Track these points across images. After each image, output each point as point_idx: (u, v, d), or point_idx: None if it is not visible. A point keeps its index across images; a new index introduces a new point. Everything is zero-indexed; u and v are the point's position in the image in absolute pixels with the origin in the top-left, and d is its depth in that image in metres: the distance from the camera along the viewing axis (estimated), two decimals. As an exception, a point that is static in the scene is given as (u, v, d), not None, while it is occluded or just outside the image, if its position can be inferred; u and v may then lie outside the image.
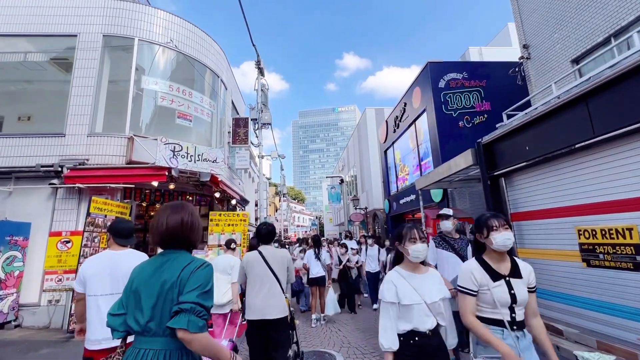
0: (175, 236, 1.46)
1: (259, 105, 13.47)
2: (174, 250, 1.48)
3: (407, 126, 12.44)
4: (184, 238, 1.48)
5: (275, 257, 3.14)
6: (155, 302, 1.34)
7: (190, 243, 1.51)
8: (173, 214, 1.48)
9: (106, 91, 7.75)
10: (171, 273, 1.37)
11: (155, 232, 1.46)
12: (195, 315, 1.27)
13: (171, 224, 1.45)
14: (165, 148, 6.69)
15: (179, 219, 1.47)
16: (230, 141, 10.62)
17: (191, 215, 1.52)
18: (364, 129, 20.58)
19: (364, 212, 17.69)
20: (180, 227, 1.46)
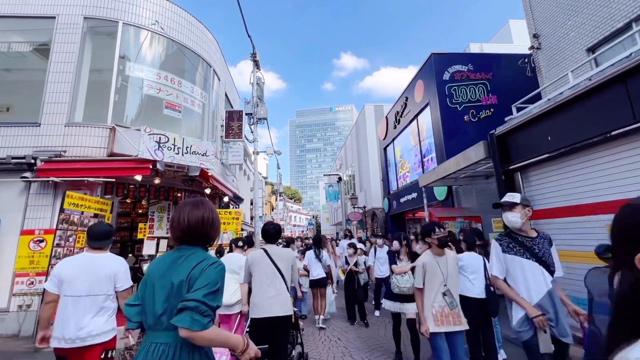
0: (197, 232, 1.48)
1: (255, 100, 12.92)
2: (190, 246, 1.48)
3: (408, 122, 11.96)
4: (203, 234, 1.50)
5: (281, 255, 3.17)
6: (166, 296, 1.36)
7: (209, 239, 1.54)
8: (194, 210, 1.49)
9: (87, 78, 7.15)
10: (183, 270, 1.38)
11: (177, 228, 1.48)
12: (199, 313, 1.25)
13: (193, 220, 1.47)
14: (149, 139, 6.12)
15: (200, 215, 1.49)
16: (223, 135, 10.05)
17: (212, 212, 1.54)
18: (362, 126, 20.09)
19: (362, 211, 17.20)
20: (202, 223, 1.48)
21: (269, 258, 3.12)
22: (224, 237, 7.72)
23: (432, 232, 2.91)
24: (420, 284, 2.90)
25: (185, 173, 7.04)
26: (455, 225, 7.63)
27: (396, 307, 4.20)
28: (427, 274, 2.87)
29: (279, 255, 3.16)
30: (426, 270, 2.89)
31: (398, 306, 4.18)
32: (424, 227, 3.05)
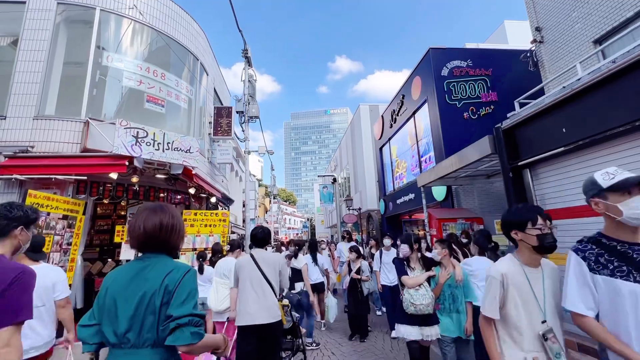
0: (154, 240, 1.38)
1: (246, 97, 12.44)
2: (154, 254, 1.39)
3: (405, 120, 11.57)
4: (163, 242, 1.40)
5: (268, 260, 3.08)
6: (134, 311, 1.25)
7: (170, 247, 1.43)
8: (151, 216, 1.40)
9: (61, 69, 6.60)
10: (153, 281, 1.29)
11: (132, 236, 1.40)
12: (194, 326, 1.23)
13: (149, 227, 1.37)
14: (125, 133, 5.59)
15: (158, 221, 1.39)
16: (211, 133, 9.54)
17: (171, 217, 1.44)
18: (357, 126, 19.67)
19: (357, 213, 16.75)
20: (159, 230, 1.38)
21: (255, 263, 3.03)
22: (209, 240, 7.20)
23: (529, 223, 1.68)
24: (494, 312, 1.69)
25: (167, 171, 6.51)
26: (456, 226, 7.21)
27: (415, 333, 3.09)
28: (508, 295, 1.67)
29: (265, 260, 3.06)
30: (507, 288, 1.68)
31: (417, 331, 3.09)
32: (516, 211, 1.76)
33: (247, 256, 3.15)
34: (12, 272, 1.32)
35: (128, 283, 1.30)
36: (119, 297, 1.28)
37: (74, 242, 5.68)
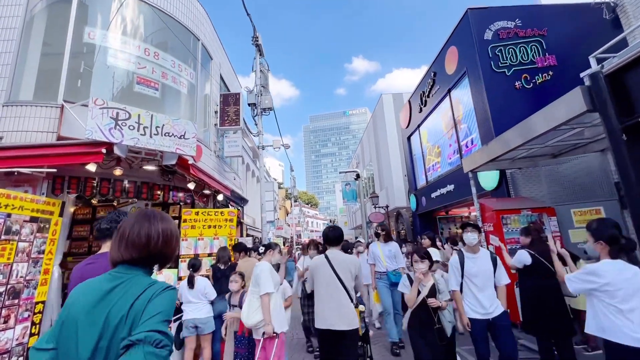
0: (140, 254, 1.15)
1: (258, 88, 11.39)
2: (131, 268, 1.14)
3: (438, 100, 10.01)
4: (151, 256, 1.17)
5: (342, 262, 2.96)
6: (97, 338, 1.02)
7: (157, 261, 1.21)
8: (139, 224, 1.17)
9: (40, 49, 5.73)
10: (122, 303, 1.05)
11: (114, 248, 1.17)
12: (153, 345, 0.93)
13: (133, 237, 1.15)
14: (101, 114, 4.54)
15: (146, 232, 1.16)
16: (217, 123, 8.48)
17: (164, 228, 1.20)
18: (380, 118, 18.19)
19: (385, 211, 15.23)
20: (147, 243, 1.16)
21: (329, 265, 2.94)
22: (214, 244, 6.06)
23: None
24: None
25: (158, 162, 5.43)
26: (519, 219, 5.65)
27: None
28: None
29: (340, 262, 2.95)
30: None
31: None
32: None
33: (320, 257, 3.06)
34: None
35: (95, 303, 1.07)
36: (81, 320, 1.05)
37: (48, 249, 4.67)
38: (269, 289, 3.00)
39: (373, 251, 5.12)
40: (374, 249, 5.14)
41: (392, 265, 4.91)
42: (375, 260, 5.06)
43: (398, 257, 4.99)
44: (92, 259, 1.92)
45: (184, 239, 5.92)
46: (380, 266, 4.97)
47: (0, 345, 4.02)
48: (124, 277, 1.12)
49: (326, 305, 2.81)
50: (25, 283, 4.38)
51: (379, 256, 5.00)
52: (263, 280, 2.99)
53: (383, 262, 4.94)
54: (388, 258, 4.94)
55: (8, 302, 4.14)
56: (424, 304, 2.95)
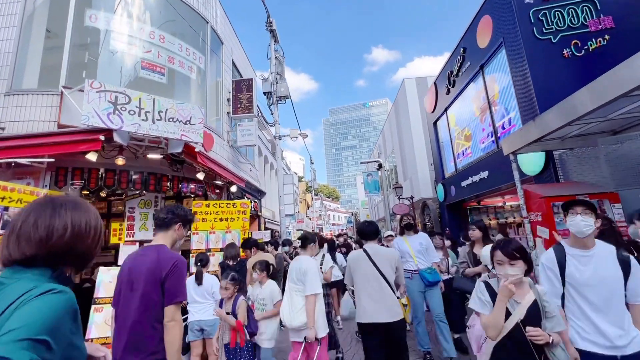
0: (36, 251, 0.86)
1: (273, 76, 10.90)
2: (21, 271, 0.86)
3: (469, 79, 9.07)
4: (54, 254, 0.88)
5: (382, 255, 2.93)
6: None
7: (66, 261, 0.91)
8: (35, 214, 0.89)
9: (43, 35, 5.49)
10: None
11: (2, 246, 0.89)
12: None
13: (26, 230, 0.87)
14: (98, 98, 4.19)
15: (46, 223, 0.88)
16: (230, 111, 8.06)
17: (76, 219, 0.92)
18: (403, 104, 17.24)
19: (409, 202, 14.42)
20: (46, 237, 0.87)
21: (368, 258, 2.89)
22: (226, 237, 5.65)
23: None
24: None
25: (163, 150, 5.05)
26: (575, 208, 4.79)
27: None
28: None
29: (379, 255, 2.91)
30: None
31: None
32: None
33: (359, 251, 3.06)
34: (171, 260, 1.73)
35: None
36: None
37: (52, 244, 4.42)
38: (317, 290, 2.79)
39: (399, 247, 4.27)
40: (400, 244, 4.30)
41: (424, 262, 4.14)
42: (403, 258, 4.14)
43: (430, 251, 4.24)
44: (143, 250, 1.94)
45: (195, 232, 5.55)
46: (410, 264, 4.14)
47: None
48: (7, 280, 0.84)
49: (369, 300, 2.76)
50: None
51: (408, 252, 4.17)
52: (311, 278, 2.77)
53: (414, 259, 4.14)
54: (419, 253, 4.16)
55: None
56: (518, 334, 1.73)
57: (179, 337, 1.70)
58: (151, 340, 1.68)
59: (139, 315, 1.69)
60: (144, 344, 1.67)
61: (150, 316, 1.70)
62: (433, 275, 3.96)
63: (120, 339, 1.71)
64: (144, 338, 1.68)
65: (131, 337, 1.68)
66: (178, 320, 1.72)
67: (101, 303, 3.41)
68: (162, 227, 1.97)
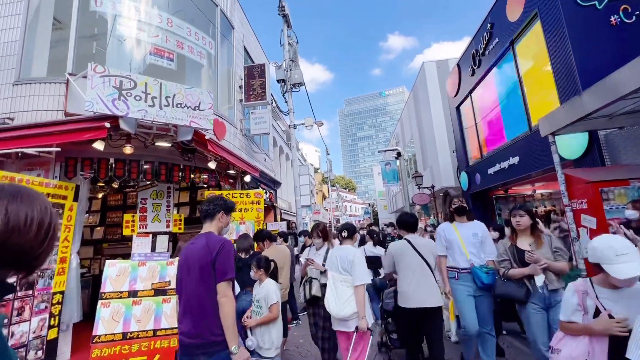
0: None
1: (287, 63, 10.53)
2: None
3: (497, 56, 8.37)
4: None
5: (424, 246, 3.15)
6: None
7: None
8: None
9: (51, 22, 5.34)
10: None
11: None
12: None
13: None
14: (102, 83, 3.97)
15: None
16: (243, 99, 7.78)
17: (14, 210, 0.71)
18: (422, 90, 16.47)
19: (430, 191, 13.84)
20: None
21: (413, 248, 3.10)
22: (240, 229, 5.43)
23: None
24: None
25: (172, 138, 4.83)
26: (627, 193, 4.24)
27: None
28: None
29: (421, 246, 3.13)
30: None
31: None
32: None
33: (403, 242, 3.20)
34: (218, 243, 1.95)
35: None
36: None
37: (63, 236, 4.32)
38: (366, 279, 2.89)
39: (445, 236, 3.46)
40: (446, 232, 3.46)
41: (477, 258, 3.27)
42: (450, 250, 3.42)
43: (487, 245, 3.36)
44: (194, 239, 2.12)
45: (208, 224, 5.35)
46: (459, 258, 3.30)
47: (15, 338, 3.75)
48: None
49: (416, 286, 2.98)
50: (39, 272, 4.07)
51: (458, 243, 3.32)
52: (359, 269, 2.82)
53: (465, 253, 3.29)
54: (472, 246, 3.30)
55: (21, 293, 3.84)
56: None
57: (232, 311, 1.87)
58: (213, 320, 1.87)
59: (199, 297, 1.92)
60: (206, 323, 1.88)
61: (209, 296, 1.90)
62: (491, 277, 3.11)
63: (186, 321, 1.94)
64: (207, 318, 1.88)
65: (195, 318, 1.90)
66: (229, 296, 1.90)
67: (108, 298, 3.25)
68: (208, 217, 2.14)
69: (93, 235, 7.69)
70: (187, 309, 1.95)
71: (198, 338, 1.87)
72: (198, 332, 1.88)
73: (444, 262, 3.48)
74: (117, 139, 4.51)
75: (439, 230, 3.57)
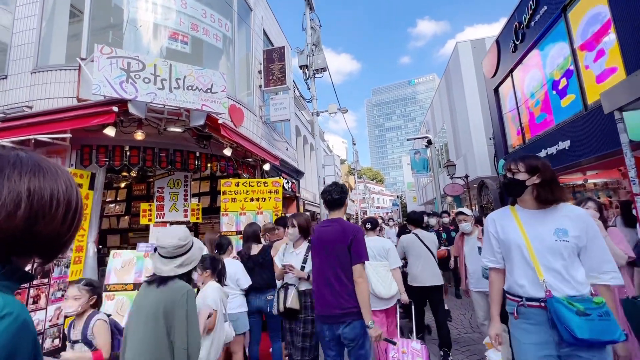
0: None
1: (309, 48, 10.06)
2: None
3: (544, 27, 7.35)
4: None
5: (427, 238, 3.97)
6: None
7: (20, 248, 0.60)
8: None
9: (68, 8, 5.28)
10: None
11: None
12: None
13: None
14: (109, 65, 3.78)
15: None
16: (262, 84, 7.46)
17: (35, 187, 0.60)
18: (455, 73, 15.34)
19: (464, 181, 12.92)
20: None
21: (420, 240, 3.91)
22: (258, 218, 5.14)
23: None
24: None
25: (185, 123, 4.59)
26: None
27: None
28: None
29: (426, 239, 3.95)
30: None
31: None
32: None
33: (412, 235, 4.00)
34: (354, 230, 2.23)
35: None
36: None
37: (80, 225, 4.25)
38: (399, 263, 3.48)
39: (499, 234, 1.85)
40: (503, 227, 1.83)
41: (564, 281, 1.61)
42: (507, 260, 1.84)
43: (592, 252, 1.64)
44: (328, 222, 2.38)
45: (224, 213, 5.12)
46: (526, 279, 1.69)
47: (32, 327, 3.73)
48: None
49: (422, 270, 3.79)
50: (55, 261, 4.04)
51: (521, 247, 1.72)
52: (394, 255, 3.44)
53: (536, 269, 1.65)
54: (551, 255, 1.65)
55: (36, 281, 3.81)
56: None
57: (367, 290, 2.16)
58: (350, 294, 2.14)
59: (338, 274, 2.18)
60: (345, 296, 2.14)
61: (345, 273, 2.17)
62: (596, 324, 1.47)
63: (325, 294, 2.20)
64: (345, 291, 2.15)
65: (335, 291, 2.16)
66: (364, 277, 2.17)
67: (112, 290, 3.08)
68: (337, 206, 2.39)
69: (119, 224, 7.83)
70: (326, 283, 2.22)
71: (338, 308, 2.15)
72: (339, 303, 2.15)
73: (496, 281, 1.90)
74: (128, 124, 4.35)
75: (487, 224, 1.95)
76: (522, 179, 1.73)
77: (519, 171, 1.75)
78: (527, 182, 1.72)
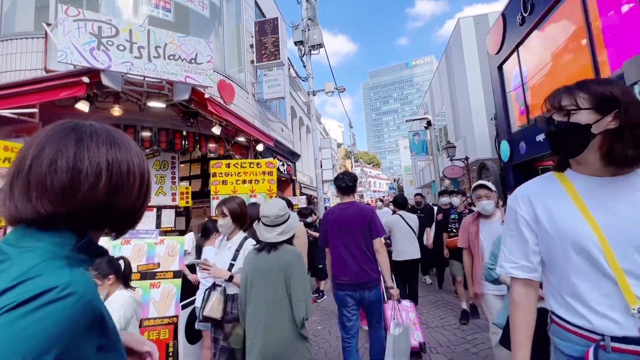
0: (55, 208, 0.52)
1: (305, 22, 9.48)
2: (32, 232, 0.52)
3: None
4: (81, 212, 0.55)
5: (411, 219, 4.43)
6: None
7: (99, 222, 0.60)
8: (54, 148, 0.53)
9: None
10: None
11: (5, 195, 0.54)
12: None
13: (39, 173, 0.52)
14: (77, 29, 3.32)
15: (69, 164, 0.53)
16: (254, 59, 6.96)
17: (114, 159, 0.58)
18: (457, 51, 14.78)
19: (464, 163, 12.63)
20: (70, 185, 0.52)
21: (404, 220, 4.38)
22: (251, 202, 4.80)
23: None
24: None
25: (168, 98, 4.17)
26: None
27: None
28: None
29: (409, 219, 4.41)
30: None
31: None
32: None
33: (397, 216, 4.49)
34: (370, 210, 2.70)
35: None
36: None
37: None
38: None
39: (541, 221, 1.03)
40: (550, 208, 1.03)
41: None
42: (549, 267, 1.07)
43: None
44: (345, 205, 2.73)
45: (215, 197, 4.79)
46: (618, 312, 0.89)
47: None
48: (7, 255, 0.50)
49: (406, 245, 4.32)
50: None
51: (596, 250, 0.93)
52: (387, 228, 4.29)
53: (620, 283, 0.89)
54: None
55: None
56: None
57: (386, 259, 2.62)
58: (372, 263, 2.59)
59: (361, 247, 2.57)
60: (368, 265, 2.56)
61: (367, 245, 2.58)
62: None
63: (346, 264, 2.57)
64: (368, 261, 2.56)
65: (359, 261, 2.55)
66: (384, 247, 2.67)
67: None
68: (350, 192, 2.76)
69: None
70: (349, 256, 2.57)
71: (365, 277, 2.53)
72: (365, 273, 2.53)
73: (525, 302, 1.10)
74: (104, 99, 3.92)
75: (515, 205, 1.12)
76: (586, 121, 0.92)
77: (579, 108, 0.93)
78: (595, 128, 0.91)
